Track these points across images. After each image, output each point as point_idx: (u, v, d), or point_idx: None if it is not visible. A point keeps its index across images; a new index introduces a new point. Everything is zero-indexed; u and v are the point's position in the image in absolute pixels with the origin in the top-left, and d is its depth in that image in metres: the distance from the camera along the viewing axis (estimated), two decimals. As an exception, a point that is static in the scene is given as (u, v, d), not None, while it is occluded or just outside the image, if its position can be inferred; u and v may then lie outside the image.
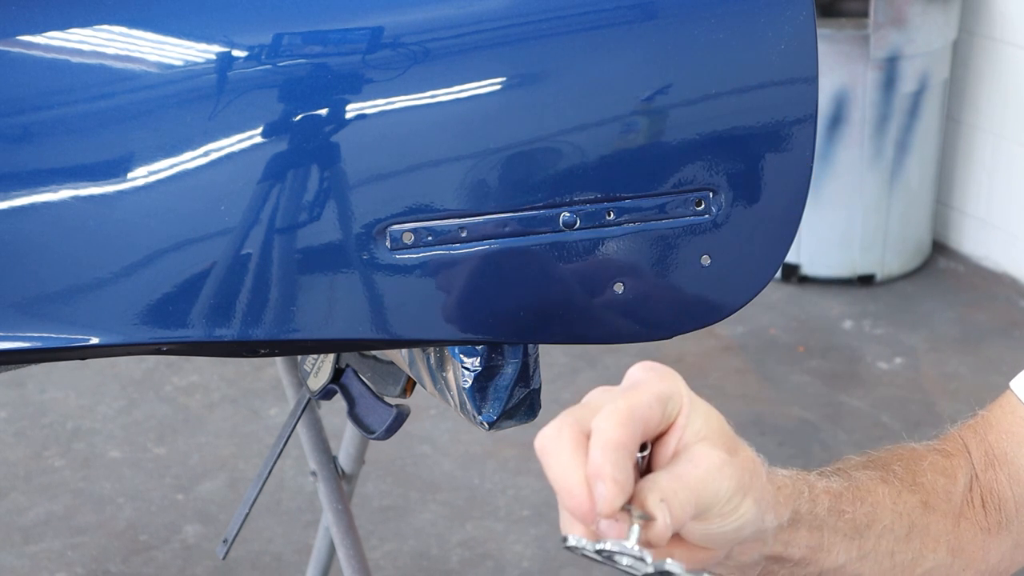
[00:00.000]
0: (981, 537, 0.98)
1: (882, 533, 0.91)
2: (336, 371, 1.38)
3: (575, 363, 3.23)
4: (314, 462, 1.70)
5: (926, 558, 0.94)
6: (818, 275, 3.67)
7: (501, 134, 0.97)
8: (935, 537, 0.95)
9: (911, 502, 0.94)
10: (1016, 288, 3.63)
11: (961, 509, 0.98)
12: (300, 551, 2.59)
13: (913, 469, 0.96)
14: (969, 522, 0.98)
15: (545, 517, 2.71)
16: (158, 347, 1.00)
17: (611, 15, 0.97)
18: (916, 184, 3.66)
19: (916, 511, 0.94)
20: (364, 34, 0.96)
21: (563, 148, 0.99)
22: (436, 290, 0.99)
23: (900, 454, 0.98)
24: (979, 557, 0.98)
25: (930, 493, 0.96)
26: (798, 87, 1.01)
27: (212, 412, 3.11)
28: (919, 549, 0.94)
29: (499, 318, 1.01)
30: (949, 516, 0.96)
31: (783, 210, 1.03)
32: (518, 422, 1.12)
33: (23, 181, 0.95)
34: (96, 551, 2.63)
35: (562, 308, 1.03)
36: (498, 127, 0.97)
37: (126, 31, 0.95)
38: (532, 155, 0.98)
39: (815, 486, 0.86)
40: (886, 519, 0.91)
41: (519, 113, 0.97)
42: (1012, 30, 3.57)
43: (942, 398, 3.07)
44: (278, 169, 0.95)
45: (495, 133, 0.97)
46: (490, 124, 0.96)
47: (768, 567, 0.87)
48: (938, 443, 1.01)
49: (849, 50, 3.42)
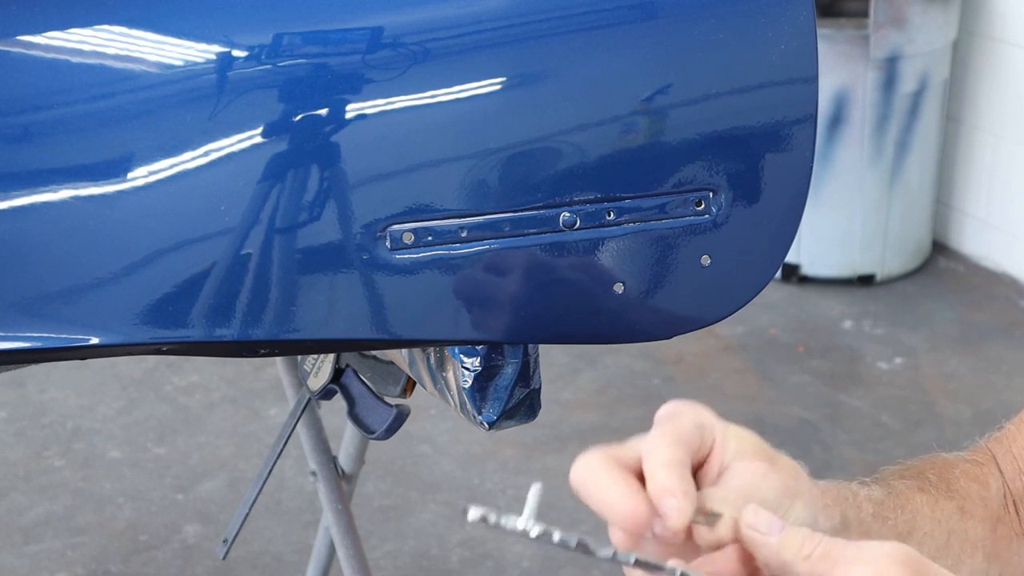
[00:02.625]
0: (1017, 542, 0.99)
1: (923, 540, 0.92)
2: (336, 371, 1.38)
3: (575, 363, 3.23)
4: (314, 462, 1.70)
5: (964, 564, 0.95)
6: (818, 275, 3.67)
7: (501, 134, 0.97)
8: (973, 543, 0.96)
9: (948, 509, 0.95)
10: (1016, 288, 3.63)
11: (997, 514, 0.99)
12: (300, 551, 2.59)
13: (947, 477, 0.97)
14: (1005, 527, 0.99)
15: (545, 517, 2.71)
16: (158, 347, 1.00)
17: (611, 15, 0.97)
18: (916, 184, 3.66)
19: (954, 517, 0.95)
20: (364, 34, 0.96)
21: (563, 148, 0.99)
22: (436, 290, 0.99)
23: (933, 463, 0.99)
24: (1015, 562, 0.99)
25: (965, 499, 0.97)
26: (798, 87, 1.01)
27: (212, 412, 3.11)
28: (958, 555, 0.95)
29: (499, 318, 1.01)
30: (986, 522, 0.97)
31: (783, 210, 1.03)
32: (518, 422, 1.12)
33: (23, 181, 0.95)
34: (96, 551, 2.63)
35: (562, 308, 1.02)
36: (498, 127, 0.97)
37: (126, 31, 0.95)
38: (532, 155, 0.98)
39: (858, 493, 0.88)
40: (926, 526, 0.92)
41: (519, 113, 0.97)
42: (1012, 30, 3.57)
43: (942, 398, 3.06)
44: (278, 169, 0.95)
45: (495, 133, 0.97)
46: (490, 124, 0.96)
47: None
48: (967, 453, 1.02)
49: (849, 50, 3.42)
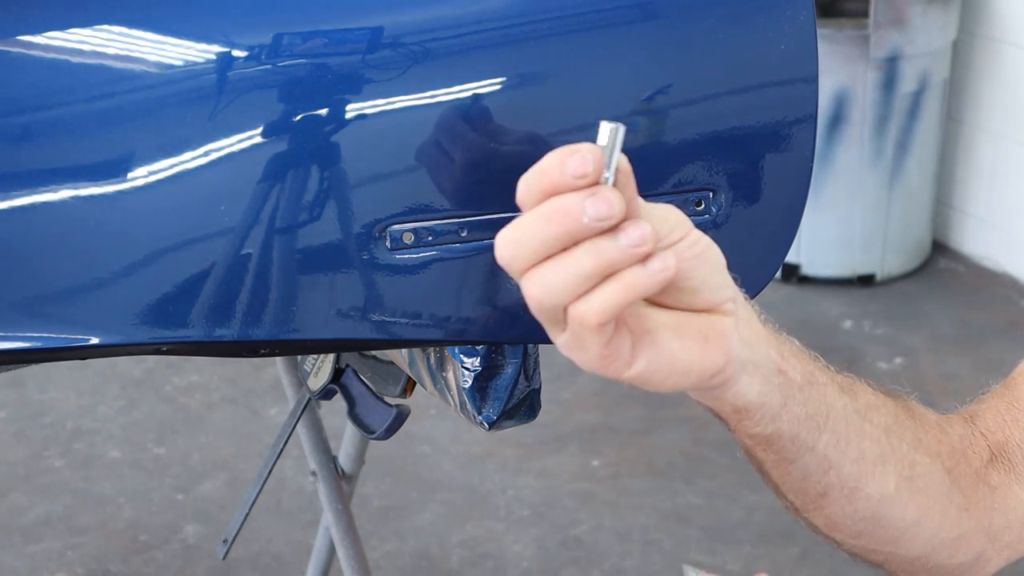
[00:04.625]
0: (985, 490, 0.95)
1: (867, 413, 0.88)
2: (336, 371, 1.39)
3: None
4: (314, 462, 1.70)
5: (919, 462, 0.91)
6: (818, 275, 3.67)
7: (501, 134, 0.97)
8: (927, 447, 0.92)
9: (897, 407, 0.92)
10: (1016, 288, 3.63)
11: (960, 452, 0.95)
12: (300, 551, 2.59)
13: (907, 404, 0.95)
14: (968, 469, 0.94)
15: (545, 517, 2.71)
16: (158, 347, 1.00)
17: (611, 15, 0.97)
18: (916, 184, 3.66)
19: (902, 412, 0.92)
20: (364, 34, 0.96)
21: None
22: (436, 290, 0.99)
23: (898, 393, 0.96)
24: (984, 506, 0.95)
25: (921, 419, 0.94)
26: (798, 87, 1.00)
27: (212, 412, 3.11)
28: (912, 442, 0.91)
29: (499, 318, 1.01)
30: (942, 444, 0.93)
31: (783, 210, 1.03)
32: (518, 422, 1.12)
33: (23, 181, 0.95)
34: (96, 551, 2.63)
35: (562, 308, 1.02)
36: (498, 127, 0.97)
37: (126, 31, 0.95)
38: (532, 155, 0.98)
39: (802, 351, 0.86)
40: (872, 399, 0.90)
41: (519, 113, 0.97)
42: (1012, 30, 3.57)
43: (942, 398, 3.06)
44: (278, 169, 0.95)
45: (495, 133, 0.97)
46: (490, 124, 0.96)
47: (758, 450, 0.86)
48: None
49: (849, 50, 3.42)
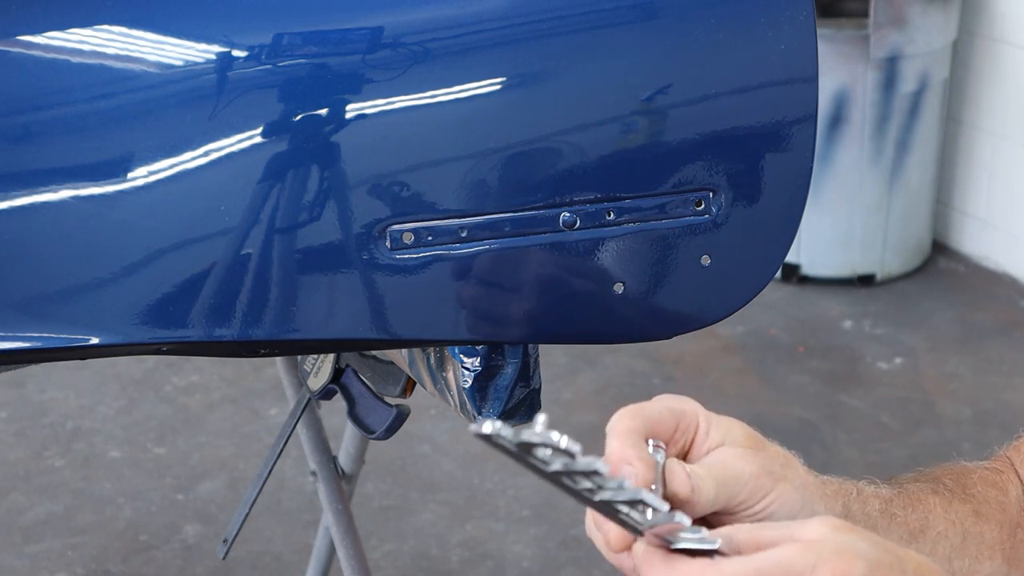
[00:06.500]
0: None
1: (936, 539, 0.91)
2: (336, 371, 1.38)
3: (575, 363, 3.23)
4: (314, 462, 1.70)
5: (982, 565, 0.94)
6: (818, 275, 3.67)
7: (501, 134, 0.97)
8: (990, 545, 0.95)
9: (963, 511, 0.94)
10: (1016, 288, 3.63)
11: (1017, 520, 0.98)
12: (300, 551, 2.59)
13: (963, 482, 0.97)
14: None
15: (545, 517, 2.71)
16: (158, 347, 1.00)
17: (611, 15, 0.97)
18: (916, 184, 3.66)
19: (969, 519, 0.94)
20: (364, 34, 0.96)
21: (563, 148, 0.99)
22: (436, 290, 0.99)
23: (949, 469, 0.99)
24: None
25: (982, 503, 0.96)
26: (798, 87, 1.00)
27: (212, 412, 3.11)
28: (975, 556, 0.94)
29: (499, 318, 1.01)
30: (1004, 526, 0.97)
31: (783, 210, 1.03)
32: (518, 422, 1.12)
33: (23, 181, 0.95)
34: (96, 551, 2.63)
35: (562, 308, 1.02)
36: (498, 127, 0.97)
37: (126, 31, 0.95)
38: (532, 155, 0.98)
39: (863, 489, 0.88)
40: (939, 525, 0.92)
41: (519, 113, 0.97)
42: (1012, 30, 3.57)
43: (942, 398, 3.06)
44: (278, 169, 0.95)
45: (495, 133, 0.97)
46: (490, 124, 0.96)
47: None
48: (987, 462, 1.01)
49: (849, 50, 3.42)
